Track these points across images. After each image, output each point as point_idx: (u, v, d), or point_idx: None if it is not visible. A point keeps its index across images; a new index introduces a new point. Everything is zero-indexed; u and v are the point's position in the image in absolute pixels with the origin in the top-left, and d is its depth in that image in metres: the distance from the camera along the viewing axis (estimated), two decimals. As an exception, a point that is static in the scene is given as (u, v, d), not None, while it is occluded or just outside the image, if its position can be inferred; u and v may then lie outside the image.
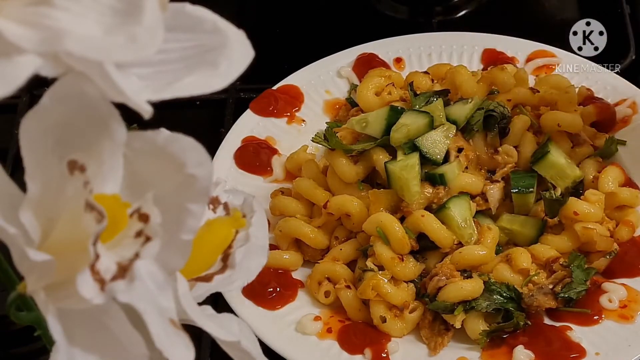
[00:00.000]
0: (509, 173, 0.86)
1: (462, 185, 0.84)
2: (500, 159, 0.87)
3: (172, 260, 0.33)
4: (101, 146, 0.33)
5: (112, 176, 0.33)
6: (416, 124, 0.85)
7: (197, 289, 0.38)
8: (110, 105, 0.32)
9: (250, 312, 0.80)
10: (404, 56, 1.01)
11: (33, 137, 0.32)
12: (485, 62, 1.00)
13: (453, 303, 0.78)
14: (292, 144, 0.94)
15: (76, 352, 0.32)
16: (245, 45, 0.34)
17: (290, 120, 0.97)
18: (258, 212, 0.41)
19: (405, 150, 0.84)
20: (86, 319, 0.33)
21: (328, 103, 0.99)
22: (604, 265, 0.82)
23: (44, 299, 0.32)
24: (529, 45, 1.01)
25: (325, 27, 1.13)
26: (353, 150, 0.85)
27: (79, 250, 0.31)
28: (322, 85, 0.99)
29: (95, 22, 0.31)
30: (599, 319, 0.79)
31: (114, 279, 0.31)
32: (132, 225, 0.32)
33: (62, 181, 0.32)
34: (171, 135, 0.33)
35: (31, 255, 0.31)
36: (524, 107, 0.91)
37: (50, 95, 0.32)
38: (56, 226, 0.33)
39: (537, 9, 1.17)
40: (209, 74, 0.32)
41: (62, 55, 0.30)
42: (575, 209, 0.83)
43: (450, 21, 1.12)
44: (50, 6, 0.30)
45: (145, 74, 0.32)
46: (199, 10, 0.34)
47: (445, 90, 0.92)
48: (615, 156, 0.90)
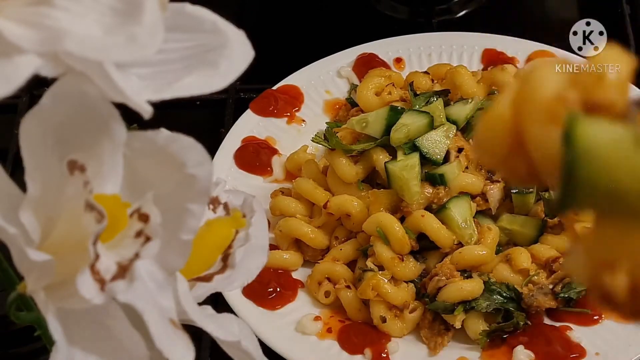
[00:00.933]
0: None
1: (462, 186, 0.84)
2: (500, 159, 0.87)
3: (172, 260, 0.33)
4: (101, 146, 0.33)
5: (112, 176, 0.33)
6: (416, 124, 0.85)
7: (197, 289, 0.38)
8: (110, 105, 0.32)
9: (250, 312, 0.80)
10: (404, 56, 1.01)
11: (33, 137, 0.32)
12: (485, 62, 1.00)
13: (453, 303, 0.78)
14: (292, 144, 0.94)
15: (76, 352, 0.32)
16: (245, 45, 0.34)
17: (290, 120, 0.97)
18: (258, 212, 0.41)
19: (405, 150, 0.84)
20: (86, 319, 0.33)
21: (328, 103, 0.99)
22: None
23: (44, 299, 0.32)
24: (529, 45, 1.01)
25: (325, 27, 1.13)
26: (353, 150, 0.85)
27: (79, 250, 0.31)
28: (322, 85, 0.99)
29: (95, 22, 0.31)
30: (599, 319, 0.79)
31: (114, 279, 0.31)
32: (132, 225, 0.32)
33: (62, 181, 0.32)
34: (171, 135, 0.33)
35: (31, 255, 0.31)
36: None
37: (50, 96, 0.32)
38: (56, 226, 0.33)
39: (537, 9, 1.17)
40: (209, 74, 0.32)
41: (62, 55, 0.30)
42: (575, 209, 0.83)
43: (451, 21, 1.12)
44: (50, 6, 0.30)
45: (145, 74, 0.32)
46: (199, 11, 0.34)
47: (446, 90, 0.92)
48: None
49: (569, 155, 0.20)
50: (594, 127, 0.20)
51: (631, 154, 0.20)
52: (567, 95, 0.22)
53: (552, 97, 0.23)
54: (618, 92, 0.22)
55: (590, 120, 0.20)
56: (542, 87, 0.23)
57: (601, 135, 0.20)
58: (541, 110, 0.23)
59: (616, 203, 0.20)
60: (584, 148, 0.20)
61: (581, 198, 0.21)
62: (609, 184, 0.20)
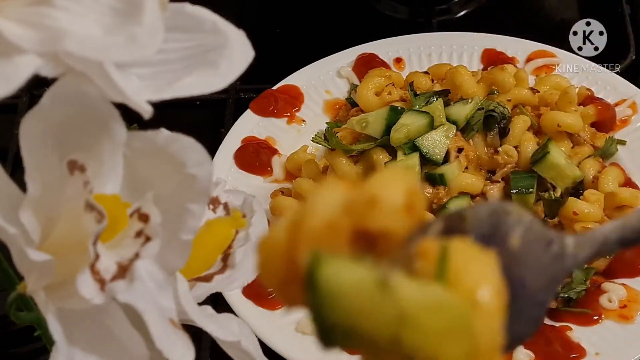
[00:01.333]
0: (508, 173, 0.86)
1: (462, 186, 0.84)
2: (500, 159, 0.87)
3: (172, 260, 0.33)
4: (101, 146, 0.32)
5: (112, 176, 0.33)
6: (416, 124, 0.85)
7: (197, 289, 0.38)
8: (110, 105, 0.32)
9: (250, 312, 0.80)
10: (404, 56, 1.01)
11: (33, 137, 0.32)
12: (485, 62, 1.00)
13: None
14: (292, 144, 0.94)
15: (76, 352, 0.32)
16: (245, 45, 0.34)
17: (290, 120, 0.96)
18: (258, 212, 0.41)
19: (405, 150, 0.84)
20: (86, 319, 0.33)
21: (328, 103, 0.99)
22: (603, 265, 0.82)
23: (44, 299, 0.32)
24: (529, 45, 1.01)
25: (325, 27, 1.13)
26: (353, 151, 0.85)
27: (79, 250, 0.31)
28: (322, 85, 0.99)
29: (95, 22, 0.31)
30: (598, 319, 0.79)
31: (114, 279, 0.31)
32: (132, 225, 0.32)
33: (62, 181, 0.32)
34: (171, 135, 0.33)
35: (31, 255, 0.31)
36: (524, 107, 0.91)
37: (50, 96, 0.32)
38: (56, 226, 0.33)
39: (537, 9, 1.17)
40: (209, 74, 0.32)
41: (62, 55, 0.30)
42: (575, 209, 0.83)
43: (450, 21, 1.11)
44: (50, 6, 0.30)
45: (145, 74, 0.32)
46: (199, 10, 0.34)
47: (445, 90, 0.92)
48: (615, 156, 0.90)
49: (312, 300, 0.19)
50: (338, 269, 0.19)
51: (373, 298, 0.19)
52: (338, 223, 0.21)
53: (323, 225, 0.21)
54: (393, 218, 0.21)
55: (335, 260, 0.19)
56: (314, 213, 0.22)
57: (344, 278, 0.19)
58: (310, 238, 0.21)
59: (367, 345, 0.19)
60: (327, 292, 0.19)
61: (336, 338, 0.20)
62: (354, 328, 0.19)
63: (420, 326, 0.18)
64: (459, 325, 0.19)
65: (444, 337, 0.19)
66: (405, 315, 0.18)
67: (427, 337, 0.18)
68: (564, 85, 0.93)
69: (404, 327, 0.18)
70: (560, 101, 0.90)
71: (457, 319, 0.19)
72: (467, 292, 0.20)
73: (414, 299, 0.18)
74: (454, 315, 0.19)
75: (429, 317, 0.18)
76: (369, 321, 0.19)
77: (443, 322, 0.19)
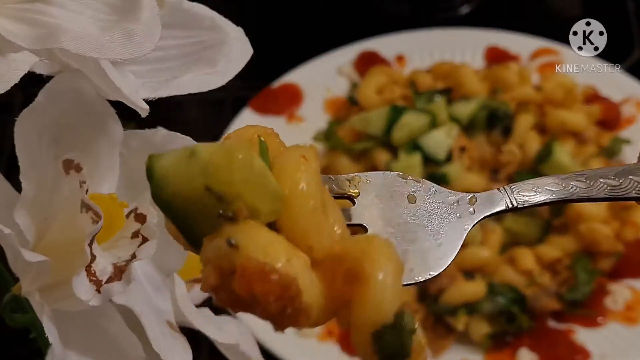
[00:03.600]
0: (513, 173, 0.86)
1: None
2: (504, 158, 0.86)
3: (170, 261, 0.33)
4: (97, 145, 0.32)
5: (108, 175, 0.33)
6: (418, 123, 0.84)
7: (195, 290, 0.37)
8: (106, 104, 0.32)
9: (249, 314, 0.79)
10: (405, 54, 1.01)
11: (28, 136, 0.31)
12: (488, 59, 1.00)
13: (455, 305, 0.77)
14: (292, 143, 0.93)
15: (72, 355, 0.32)
16: (244, 42, 0.33)
17: (290, 118, 0.96)
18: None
19: (407, 149, 0.83)
20: (82, 321, 0.32)
21: (328, 101, 0.98)
22: (609, 266, 0.82)
23: (39, 301, 0.32)
24: (533, 42, 1.00)
25: (325, 24, 1.13)
26: (354, 150, 0.85)
27: (74, 251, 0.31)
28: (322, 83, 0.99)
29: (92, 19, 0.30)
30: (603, 321, 0.78)
31: (111, 281, 0.30)
32: (128, 226, 0.32)
33: (57, 181, 0.31)
34: (168, 134, 0.33)
35: (26, 256, 0.30)
36: (528, 105, 0.91)
37: (45, 93, 0.31)
38: (52, 226, 0.32)
39: (540, 7, 1.17)
40: (207, 72, 0.32)
41: (58, 52, 0.30)
42: (579, 209, 0.82)
43: (453, 18, 1.11)
44: (47, 3, 0.30)
45: (142, 71, 0.31)
46: (197, 7, 0.34)
47: (448, 88, 0.91)
48: (620, 155, 0.90)
49: (153, 188, 0.24)
50: (165, 157, 0.24)
51: (186, 164, 0.24)
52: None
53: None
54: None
55: (165, 154, 0.24)
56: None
57: (168, 161, 0.24)
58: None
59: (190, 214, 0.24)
60: (160, 175, 0.24)
61: (172, 209, 0.24)
62: (180, 193, 0.24)
63: (219, 175, 0.24)
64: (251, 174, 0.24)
65: (241, 185, 0.24)
66: (205, 166, 0.24)
67: (229, 185, 0.24)
68: (569, 83, 0.92)
69: (207, 176, 0.24)
70: (564, 100, 0.90)
71: (245, 168, 0.24)
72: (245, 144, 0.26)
73: (209, 152, 0.24)
74: (241, 165, 0.24)
75: (224, 167, 0.24)
76: (186, 182, 0.24)
77: (239, 173, 0.24)
